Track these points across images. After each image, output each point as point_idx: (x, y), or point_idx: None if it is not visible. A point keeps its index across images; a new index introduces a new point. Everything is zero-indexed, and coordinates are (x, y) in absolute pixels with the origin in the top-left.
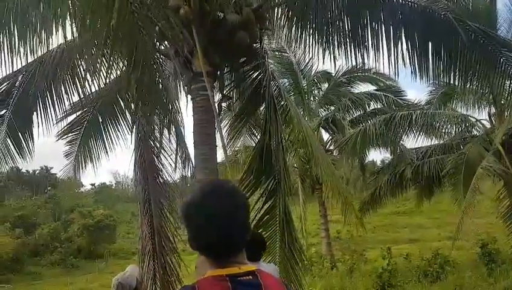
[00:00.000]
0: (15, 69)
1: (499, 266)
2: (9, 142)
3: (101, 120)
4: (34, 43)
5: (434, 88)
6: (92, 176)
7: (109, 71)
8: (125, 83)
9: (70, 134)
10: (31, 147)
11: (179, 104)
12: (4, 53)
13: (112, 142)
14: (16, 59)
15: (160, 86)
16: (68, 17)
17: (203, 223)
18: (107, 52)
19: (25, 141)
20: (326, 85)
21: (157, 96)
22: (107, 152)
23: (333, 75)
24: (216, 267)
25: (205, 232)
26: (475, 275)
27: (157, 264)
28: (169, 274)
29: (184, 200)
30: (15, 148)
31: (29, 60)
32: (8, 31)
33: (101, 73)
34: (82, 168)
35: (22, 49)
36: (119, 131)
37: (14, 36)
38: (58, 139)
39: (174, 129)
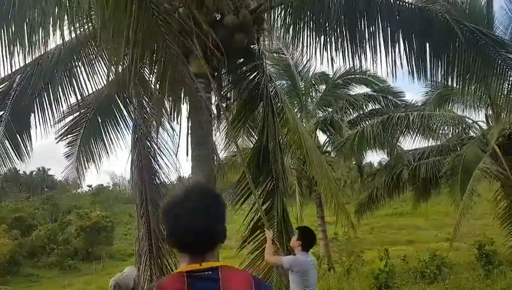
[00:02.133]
0: (12, 70)
1: (496, 268)
2: (7, 143)
3: (100, 121)
4: (32, 43)
5: (430, 89)
6: (89, 177)
7: (132, 68)
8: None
9: (69, 135)
10: (29, 148)
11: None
12: (2, 53)
13: (112, 143)
14: (14, 60)
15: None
16: (66, 18)
17: (174, 219)
18: (127, 49)
19: (23, 142)
20: (323, 86)
21: (180, 89)
22: (107, 153)
23: (330, 76)
24: (183, 263)
25: (176, 229)
26: (472, 276)
27: (154, 265)
28: (166, 276)
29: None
30: (13, 150)
31: (26, 61)
32: (5, 31)
33: (100, 74)
34: (84, 168)
35: (19, 50)
36: (118, 132)
37: (12, 36)
38: (58, 141)
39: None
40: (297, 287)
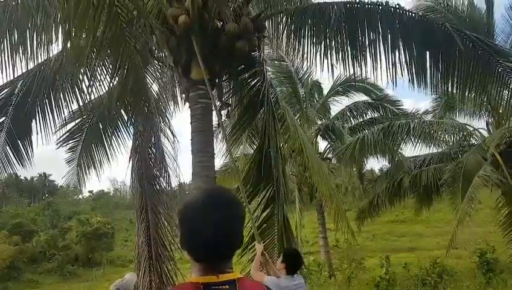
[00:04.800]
0: (15, 76)
1: (497, 275)
2: (8, 149)
3: (101, 127)
4: (34, 49)
5: (435, 97)
6: (90, 183)
7: (93, 79)
8: (113, 90)
9: (71, 141)
10: (30, 154)
11: (167, 111)
12: (4, 59)
13: (113, 149)
14: (16, 66)
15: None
16: (58, 21)
17: (196, 231)
18: (91, 59)
19: (24, 148)
20: (318, 95)
21: (141, 102)
22: (108, 159)
23: (322, 84)
24: (198, 273)
25: (196, 241)
26: (473, 284)
27: (153, 272)
28: (165, 282)
29: (183, 202)
30: (14, 156)
31: (28, 67)
32: (8, 37)
33: (100, 81)
34: (85, 174)
35: (22, 56)
36: (119, 138)
37: (15, 42)
38: (59, 147)
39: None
40: None
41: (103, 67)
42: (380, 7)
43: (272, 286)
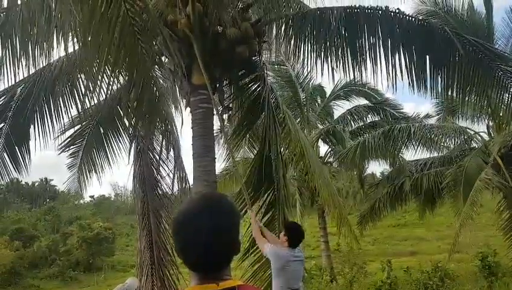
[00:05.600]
0: (15, 82)
1: (499, 279)
2: (5, 155)
3: (102, 132)
4: (35, 55)
5: (440, 100)
6: (91, 188)
7: (109, 87)
8: (125, 99)
9: (72, 146)
10: (27, 161)
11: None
12: (6, 65)
13: (114, 154)
14: (17, 72)
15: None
16: (70, 31)
17: (191, 239)
18: (108, 68)
19: (21, 155)
20: (321, 98)
21: (156, 112)
22: (109, 164)
23: (325, 88)
24: (196, 282)
25: (192, 248)
26: (475, 288)
27: (156, 277)
28: (168, 287)
29: (180, 209)
30: (11, 162)
31: (29, 72)
32: (10, 44)
33: (101, 87)
34: (86, 179)
35: (23, 62)
36: (120, 143)
37: (16, 48)
38: (61, 152)
39: (171, 147)
40: (275, 279)
41: (116, 79)
42: (380, 12)
43: (272, 254)
